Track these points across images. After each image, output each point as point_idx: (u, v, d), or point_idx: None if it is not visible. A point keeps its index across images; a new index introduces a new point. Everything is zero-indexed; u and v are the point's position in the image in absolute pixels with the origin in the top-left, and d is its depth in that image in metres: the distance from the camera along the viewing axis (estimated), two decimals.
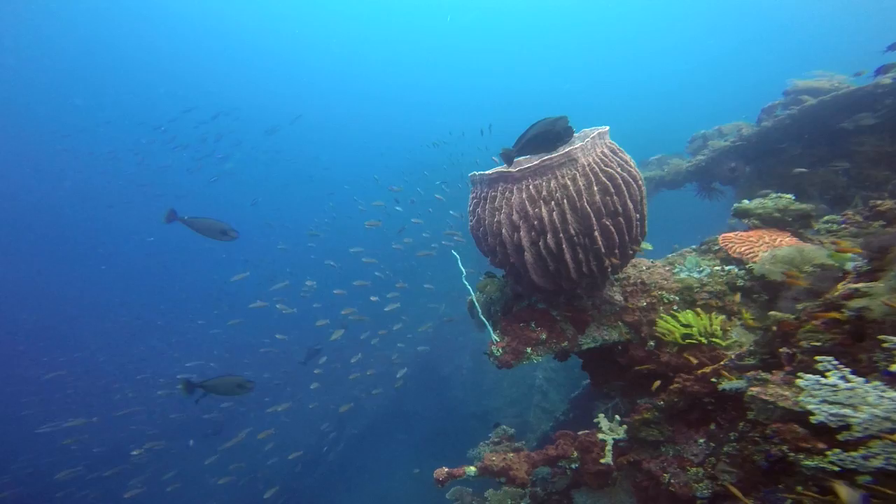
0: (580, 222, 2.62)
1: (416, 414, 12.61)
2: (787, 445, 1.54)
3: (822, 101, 5.28)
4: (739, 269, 2.94)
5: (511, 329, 3.07)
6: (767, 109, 5.86)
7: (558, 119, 2.63)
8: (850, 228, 3.17)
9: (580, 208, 2.58)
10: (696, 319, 2.54)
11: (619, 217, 2.61)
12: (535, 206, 2.64)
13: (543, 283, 2.82)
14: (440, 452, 11.55)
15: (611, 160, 2.68)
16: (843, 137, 5.06)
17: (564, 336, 3.03)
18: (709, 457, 2.17)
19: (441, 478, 2.72)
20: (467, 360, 12.58)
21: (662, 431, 2.52)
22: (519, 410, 10.28)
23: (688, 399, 2.30)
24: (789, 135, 5.44)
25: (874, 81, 4.98)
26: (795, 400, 1.54)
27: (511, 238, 2.75)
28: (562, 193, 2.60)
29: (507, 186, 2.77)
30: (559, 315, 3.10)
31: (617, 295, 3.09)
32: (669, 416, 2.48)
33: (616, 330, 3.02)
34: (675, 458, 2.43)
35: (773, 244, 2.86)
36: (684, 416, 2.42)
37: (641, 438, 2.64)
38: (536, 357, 2.99)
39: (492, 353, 3.01)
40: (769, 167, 5.54)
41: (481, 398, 11.27)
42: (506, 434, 5.35)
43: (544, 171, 2.65)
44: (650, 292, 3.04)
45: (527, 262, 2.74)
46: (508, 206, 2.73)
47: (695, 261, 3.09)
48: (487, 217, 2.85)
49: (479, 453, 5.18)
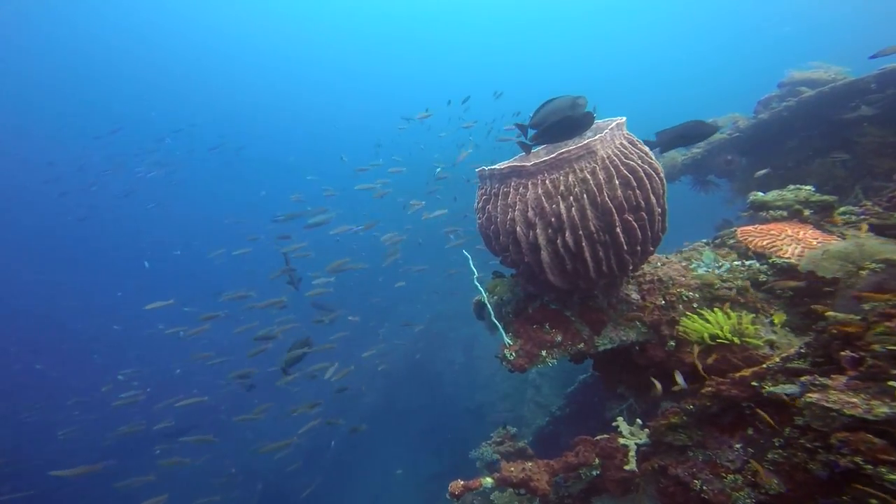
0: (601, 218, 2.44)
1: (409, 411, 12.43)
2: (861, 457, 1.40)
3: (820, 93, 5.20)
4: (761, 264, 2.80)
5: (524, 331, 2.89)
6: (764, 101, 5.77)
7: (577, 98, 2.44)
8: (871, 220, 3.07)
9: (601, 203, 2.40)
10: (725, 319, 2.39)
11: (641, 212, 2.44)
12: (553, 202, 2.46)
13: (560, 282, 2.64)
14: (435, 448, 11.41)
15: (631, 152, 2.50)
16: (843, 128, 4.99)
17: (580, 337, 2.86)
18: (747, 462, 2.02)
19: (457, 491, 2.54)
20: (459, 356, 12.45)
21: (691, 436, 2.37)
22: (512, 405, 10.17)
23: (722, 403, 2.15)
24: (787, 127, 5.37)
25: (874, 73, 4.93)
26: (867, 407, 1.39)
27: (526, 236, 2.56)
28: (581, 188, 2.42)
29: (520, 181, 2.57)
30: (574, 315, 2.93)
31: (633, 293, 2.94)
32: (699, 419, 2.33)
33: (634, 330, 2.86)
34: (705, 464, 2.28)
35: (796, 238, 2.73)
36: (715, 420, 2.28)
37: (667, 443, 2.49)
38: (552, 360, 2.81)
39: (504, 356, 2.82)
40: (766, 159, 5.46)
41: (474, 393, 11.15)
42: (508, 433, 5.21)
43: (561, 165, 2.46)
44: (668, 290, 2.89)
45: (543, 261, 2.56)
46: (523, 203, 2.54)
47: (712, 256, 2.95)
48: (500, 214, 2.66)
49: (482, 454, 5.03)
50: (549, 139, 2.48)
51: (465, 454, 10.34)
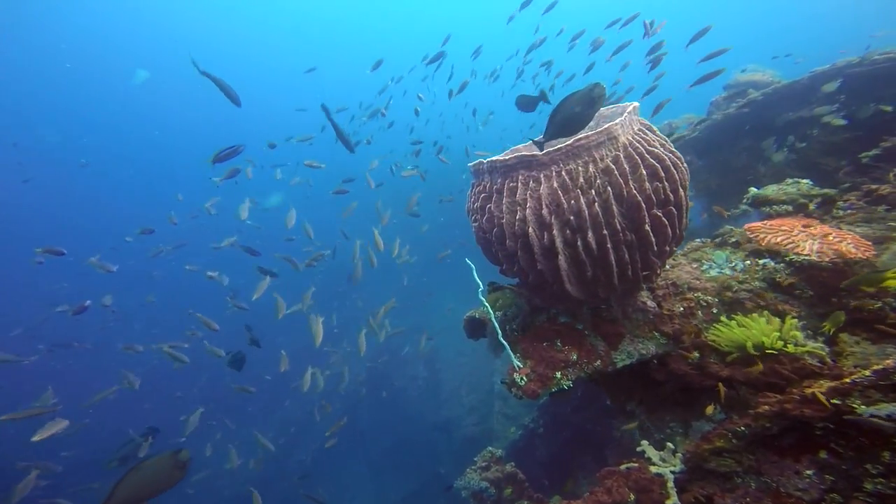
0: (626, 215, 2.04)
1: (372, 430, 11.58)
2: None
3: (765, 94, 5.27)
4: (776, 262, 2.54)
5: (534, 350, 2.42)
6: (716, 103, 5.80)
7: (595, 86, 2.04)
8: (859, 214, 2.93)
9: (627, 197, 1.99)
10: (767, 325, 2.06)
11: (669, 206, 2.07)
12: (571, 197, 2.02)
13: (578, 292, 2.21)
14: (401, 464, 10.64)
15: (652, 139, 2.14)
16: (790, 128, 5.06)
17: (596, 353, 2.43)
18: (829, 493, 1.67)
19: None
20: (422, 371, 11.80)
21: (740, 461, 2.00)
22: (479, 418, 9.68)
23: (787, 423, 1.80)
24: (740, 127, 5.39)
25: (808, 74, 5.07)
26: None
27: (540, 239, 2.10)
28: (603, 180, 2.01)
29: (530, 174, 2.12)
30: (587, 328, 2.51)
31: (648, 300, 2.57)
32: (750, 442, 1.97)
33: (652, 341, 2.48)
34: (763, 492, 1.91)
35: (810, 233, 2.50)
36: (771, 443, 1.92)
37: (709, 469, 2.11)
38: (566, 382, 2.36)
39: (513, 381, 2.33)
40: (724, 160, 5.45)
41: (440, 408, 10.54)
42: (493, 456, 4.71)
43: (579, 153, 2.04)
44: (684, 295, 2.55)
45: (560, 268, 2.11)
46: (535, 200, 2.08)
47: (725, 255, 2.65)
48: (506, 215, 2.18)
49: (469, 482, 4.47)
50: (564, 132, 2.03)
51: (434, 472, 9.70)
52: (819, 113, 4.42)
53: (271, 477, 11.32)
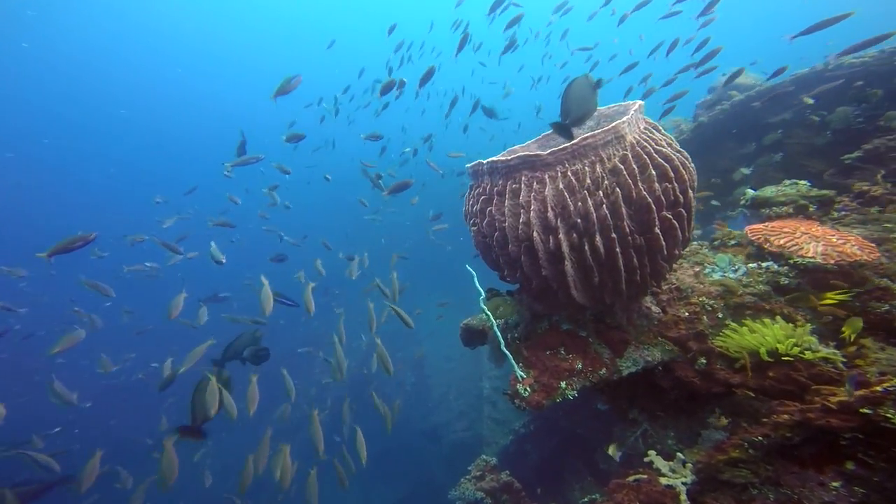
0: (635, 217, 1.93)
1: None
2: None
3: (748, 97, 5.31)
4: (780, 265, 2.47)
5: (537, 359, 2.29)
6: (702, 104, 5.82)
7: (585, 75, 1.95)
8: (854, 216, 2.91)
9: (636, 199, 1.89)
10: (778, 330, 1.98)
11: (679, 208, 1.97)
12: (578, 199, 1.91)
13: (585, 299, 2.09)
14: (389, 472, 10.39)
15: (659, 138, 2.04)
16: (771, 130, 5.09)
17: (601, 361, 2.32)
18: None
19: None
20: (409, 376, 11.59)
21: (757, 471, 1.91)
22: (469, 423, 9.52)
23: (810, 433, 1.71)
24: (725, 129, 5.41)
25: (790, 77, 5.13)
26: None
27: (545, 243, 1.98)
28: (611, 181, 1.90)
29: (534, 175, 2.00)
30: (591, 335, 2.40)
31: (653, 305, 2.47)
32: (768, 452, 1.87)
33: (658, 348, 2.38)
34: None
35: (813, 235, 2.44)
36: (790, 453, 1.83)
37: (723, 480, 2.01)
38: (571, 392, 2.23)
39: (516, 392, 2.20)
40: (711, 162, 5.46)
41: (428, 414, 10.35)
42: (488, 465, 4.56)
43: (585, 153, 1.93)
44: (689, 300, 2.46)
45: (566, 273, 1.99)
46: (540, 202, 1.96)
47: (727, 258, 2.58)
48: (508, 218, 2.06)
49: (464, 493, 4.32)
50: (577, 109, 1.94)
51: (423, 479, 9.48)
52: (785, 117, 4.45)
53: (252, 490, 10.91)
